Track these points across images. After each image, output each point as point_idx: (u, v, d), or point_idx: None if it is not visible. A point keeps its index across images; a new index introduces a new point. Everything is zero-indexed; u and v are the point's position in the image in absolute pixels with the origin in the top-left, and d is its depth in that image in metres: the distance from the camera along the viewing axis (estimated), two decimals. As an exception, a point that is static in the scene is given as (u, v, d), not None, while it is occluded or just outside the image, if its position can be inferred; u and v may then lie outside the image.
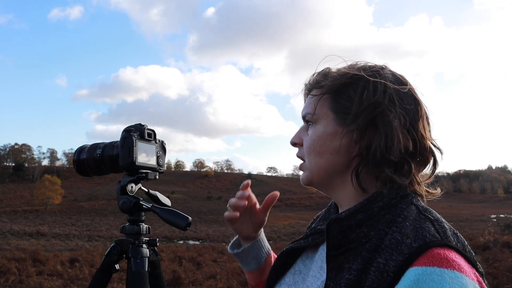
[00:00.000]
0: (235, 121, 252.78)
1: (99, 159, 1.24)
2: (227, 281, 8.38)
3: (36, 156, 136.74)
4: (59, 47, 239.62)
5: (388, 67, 0.88)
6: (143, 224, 1.23)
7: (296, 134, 0.94)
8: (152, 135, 1.23)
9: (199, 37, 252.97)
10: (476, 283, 0.67)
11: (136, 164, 1.17)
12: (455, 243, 0.73)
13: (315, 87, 0.89)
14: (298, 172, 0.99)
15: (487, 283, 0.72)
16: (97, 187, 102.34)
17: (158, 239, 1.27)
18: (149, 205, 1.19)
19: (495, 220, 48.60)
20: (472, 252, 0.76)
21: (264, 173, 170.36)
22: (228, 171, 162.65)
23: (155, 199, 1.25)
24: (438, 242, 0.71)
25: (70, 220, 51.93)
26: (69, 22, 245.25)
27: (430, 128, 0.87)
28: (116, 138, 1.22)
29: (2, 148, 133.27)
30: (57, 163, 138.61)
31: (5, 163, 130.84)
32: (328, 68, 0.90)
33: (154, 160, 1.23)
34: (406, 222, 0.75)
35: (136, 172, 1.20)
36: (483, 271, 0.74)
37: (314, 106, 0.88)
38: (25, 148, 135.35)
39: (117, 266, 1.23)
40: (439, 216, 0.79)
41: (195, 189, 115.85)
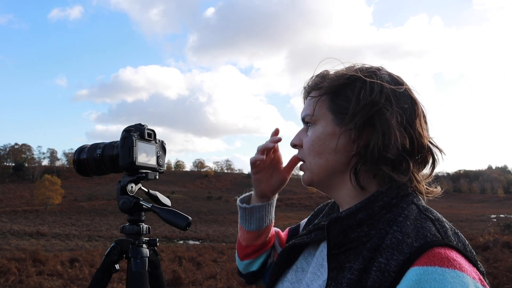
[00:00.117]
0: (235, 121, 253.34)
1: (99, 159, 1.24)
2: (227, 281, 8.39)
3: (36, 156, 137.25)
4: (59, 47, 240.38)
5: (385, 68, 0.90)
6: (143, 224, 1.23)
7: (296, 136, 0.96)
8: (152, 135, 1.23)
9: (199, 37, 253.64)
10: (478, 282, 0.68)
11: (136, 164, 1.17)
12: (456, 242, 0.74)
13: (313, 89, 0.91)
14: (298, 172, 1.00)
15: (488, 282, 0.72)
16: (97, 187, 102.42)
17: (158, 239, 1.27)
18: (149, 205, 1.19)
19: (495, 220, 48.61)
20: (473, 252, 0.77)
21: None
22: (228, 171, 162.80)
23: (155, 199, 1.25)
24: (439, 242, 0.71)
25: (70, 220, 51.88)
26: (69, 22, 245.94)
27: (428, 127, 0.88)
28: (116, 138, 1.22)
29: (2, 148, 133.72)
30: (57, 163, 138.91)
31: (5, 163, 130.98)
32: (326, 71, 0.92)
33: (154, 160, 1.23)
34: (407, 222, 0.76)
35: (136, 172, 1.20)
36: (484, 270, 0.75)
37: (313, 107, 0.90)
38: (25, 148, 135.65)
39: (117, 266, 1.23)
40: (440, 216, 0.80)
41: (195, 189, 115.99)
